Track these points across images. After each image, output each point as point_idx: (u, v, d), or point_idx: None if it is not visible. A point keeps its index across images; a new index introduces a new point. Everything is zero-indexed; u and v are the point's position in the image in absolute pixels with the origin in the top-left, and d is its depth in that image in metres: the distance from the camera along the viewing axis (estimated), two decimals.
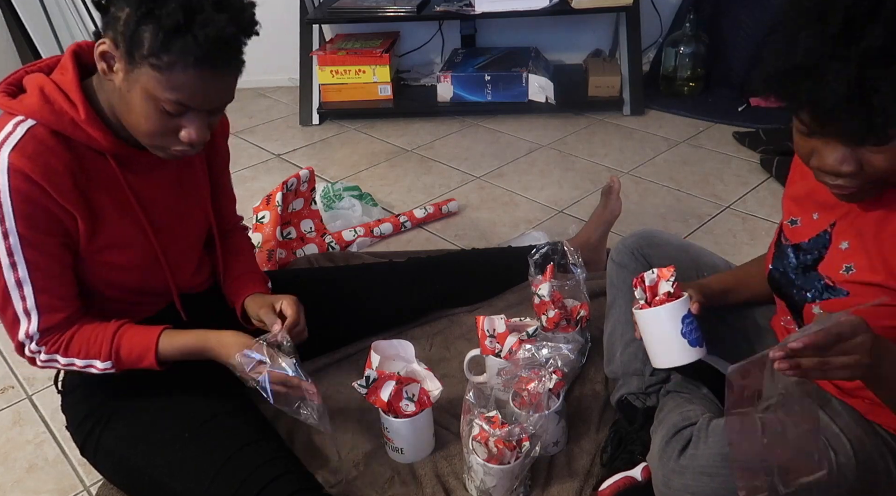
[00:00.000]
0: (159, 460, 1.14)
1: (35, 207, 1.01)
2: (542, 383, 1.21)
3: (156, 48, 0.92)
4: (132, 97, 0.98)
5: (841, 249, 0.99)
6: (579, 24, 3.03)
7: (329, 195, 2.15)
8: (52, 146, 1.01)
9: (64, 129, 1.02)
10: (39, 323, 1.07)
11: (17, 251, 1.02)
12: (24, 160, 0.98)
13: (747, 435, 0.89)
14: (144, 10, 0.92)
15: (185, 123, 1.01)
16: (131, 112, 1.00)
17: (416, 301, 1.64)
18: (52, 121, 1.01)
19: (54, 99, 1.02)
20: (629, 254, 1.37)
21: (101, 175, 1.08)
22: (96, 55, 0.98)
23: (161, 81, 0.95)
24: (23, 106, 1.01)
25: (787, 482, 0.88)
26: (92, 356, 1.11)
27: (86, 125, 1.02)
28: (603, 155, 2.50)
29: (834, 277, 0.99)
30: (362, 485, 1.26)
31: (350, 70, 2.81)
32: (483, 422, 1.16)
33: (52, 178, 1.01)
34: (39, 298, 1.06)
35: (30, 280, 1.04)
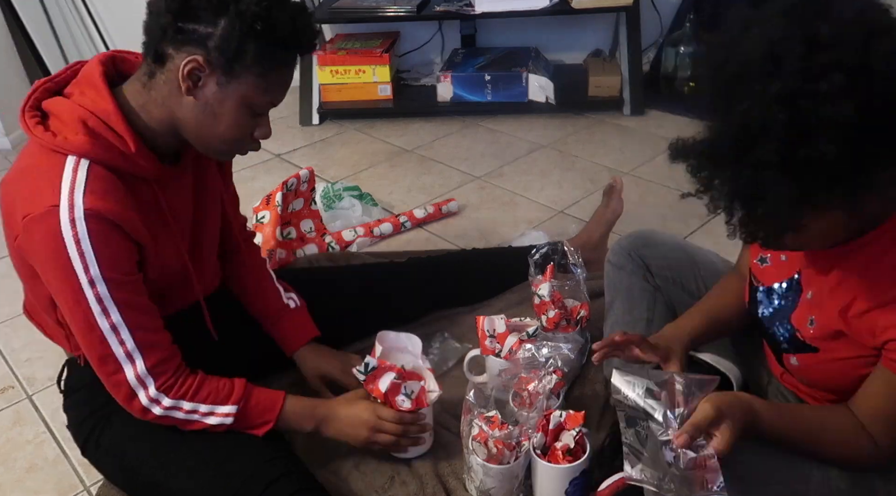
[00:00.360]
0: (160, 460, 1.14)
1: (116, 248, 1.01)
2: (542, 383, 1.21)
3: (264, 56, 0.98)
4: (224, 108, 1.02)
5: (807, 299, 0.97)
6: (579, 24, 3.03)
7: (329, 195, 2.15)
8: (113, 181, 1.01)
9: (116, 164, 1.02)
10: (145, 361, 1.06)
11: (107, 297, 1.01)
12: (99, 202, 0.98)
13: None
14: (245, 26, 0.95)
15: (261, 123, 1.09)
16: (219, 122, 1.03)
17: (416, 301, 1.64)
18: (104, 156, 1.00)
19: (102, 134, 1.01)
20: (626, 255, 1.37)
21: (145, 200, 1.08)
22: (182, 73, 0.98)
23: (262, 85, 1.01)
24: (71, 144, 0.99)
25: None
26: (220, 402, 1.12)
27: (136, 157, 1.03)
28: (603, 155, 2.50)
29: (803, 331, 0.97)
30: (362, 485, 1.26)
31: (350, 70, 2.81)
32: (482, 422, 1.16)
33: (126, 215, 1.01)
34: (138, 337, 1.04)
35: (124, 322, 1.03)
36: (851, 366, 0.93)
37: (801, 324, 0.98)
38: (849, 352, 0.92)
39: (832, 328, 0.93)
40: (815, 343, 0.96)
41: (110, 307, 1.02)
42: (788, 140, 0.72)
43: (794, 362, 1.01)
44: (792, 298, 1.00)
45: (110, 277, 1.00)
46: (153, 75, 1.02)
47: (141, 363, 1.05)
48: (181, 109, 1.03)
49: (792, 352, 1.00)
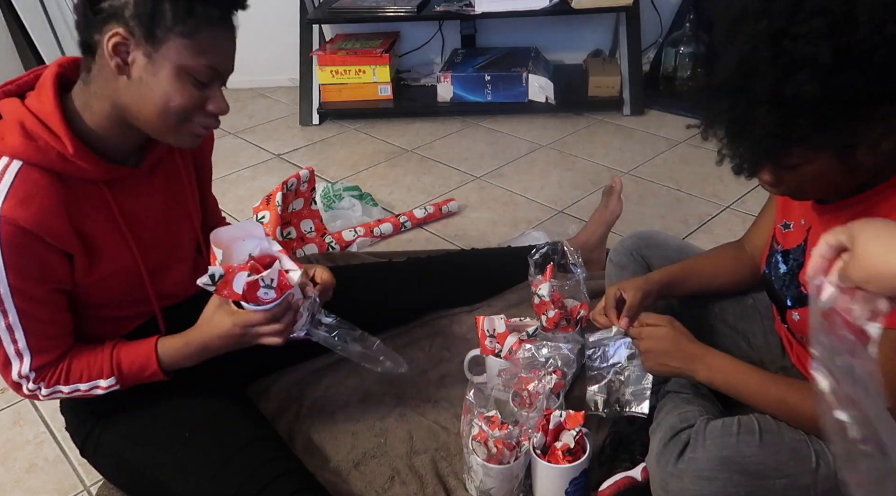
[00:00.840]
0: (159, 460, 1.14)
1: (27, 258, 0.99)
2: (542, 383, 1.21)
3: (181, 15, 0.93)
4: (159, 80, 0.96)
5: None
6: (579, 24, 3.03)
7: (329, 195, 2.15)
8: (43, 185, 0.98)
9: (52, 166, 0.98)
10: (32, 362, 1.06)
11: (8, 299, 1.00)
12: (18, 209, 0.95)
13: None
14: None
15: (211, 95, 1.01)
16: (157, 96, 0.97)
17: (416, 301, 1.64)
18: (39, 159, 0.97)
19: (37, 134, 0.97)
20: (628, 255, 1.37)
21: (93, 203, 1.05)
22: (108, 50, 0.94)
23: (192, 47, 0.95)
24: (6, 146, 0.97)
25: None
26: (94, 377, 1.11)
27: (75, 158, 0.99)
28: (603, 155, 2.50)
29: (807, 285, 0.98)
30: (362, 485, 1.26)
31: (350, 70, 2.81)
32: (482, 422, 1.16)
33: (47, 223, 0.98)
34: (30, 341, 1.05)
35: (20, 325, 1.03)
36: None
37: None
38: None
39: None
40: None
41: (9, 310, 1.01)
42: (775, 76, 0.79)
43: (795, 318, 1.02)
44: (801, 257, 1.03)
45: (14, 285, 0.99)
46: (89, 69, 1.00)
47: (27, 363, 1.06)
48: (120, 94, 0.99)
49: (795, 307, 1.02)
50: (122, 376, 1.11)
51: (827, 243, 0.71)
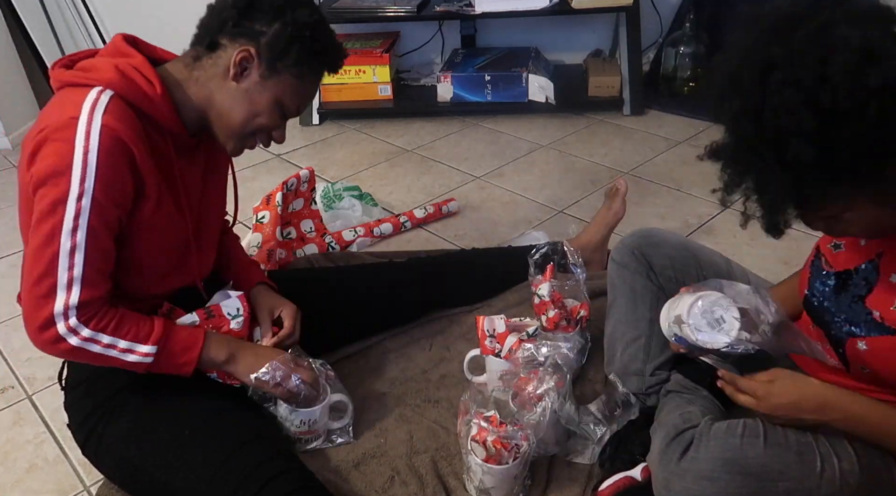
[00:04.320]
0: (160, 458, 1.14)
1: (117, 173, 1.03)
2: (542, 383, 1.21)
3: (302, 61, 1.11)
4: (261, 99, 1.12)
5: (892, 282, 0.95)
6: (579, 24, 3.03)
7: (329, 195, 2.15)
8: (131, 115, 1.06)
9: (139, 103, 1.07)
10: (80, 294, 1.04)
11: (85, 215, 1.02)
12: (118, 123, 1.02)
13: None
14: (295, 31, 1.09)
15: (282, 125, 1.19)
16: (252, 108, 1.13)
17: (416, 301, 1.64)
18: (129, 93, 1.06)
19: (131, 75, 1.07)
20: (629, 254, 1.37)
21: (158, 154, 1.12)
22: (234, 59, 1.09)
23: (296, 88, 1.14)
24: (101, 78, 1.05)
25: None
26: (140, 339, 1.10)
27: (160, 101, 1.09)
28: (603, 155, 2.50)
29: (883, 313, 0.95)
30: (362, 485, 1.26)
31: (350, 70, 2.81)
32: (481, 420, 1.16)
33: (137, 144, 1.05)
34: (87, 270, 1.04)
35: (84, 249, 1.03)
36: None
37: (881, 306, 0.95)
38: None
39: None
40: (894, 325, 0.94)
41: (82, 227, 1.02)
42: (770, 147, 0.80)
43: (861, 347, 0.97)
44: (869, 281, 0.98)
45: (98, 198, 1.02)
46: (199, 58, 1.13)
47: (76, 295, 1.04)
48: (221, 91, 1.12)
49: (863, 336, 0.97)
50: (164, 347, 1.13)
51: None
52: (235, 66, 1.10)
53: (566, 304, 1.46)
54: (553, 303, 1.43)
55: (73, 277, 1.04)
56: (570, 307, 1.47)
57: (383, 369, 1.53)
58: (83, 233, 1.03)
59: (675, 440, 1.04)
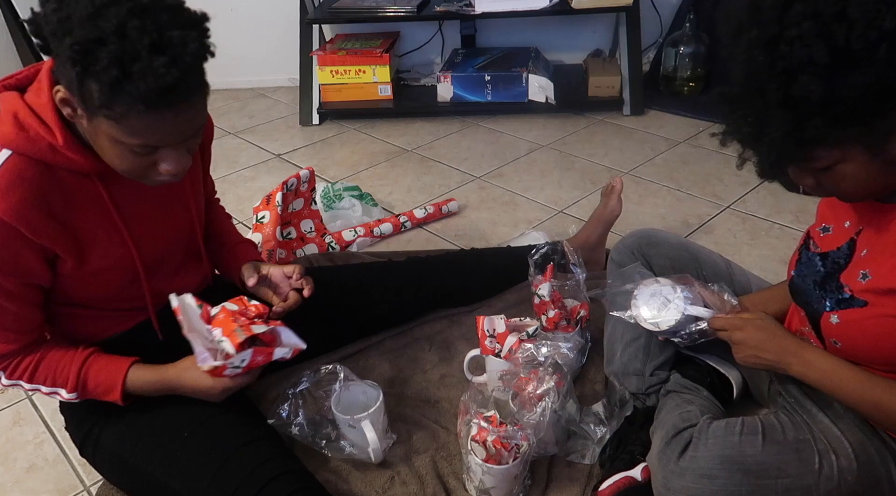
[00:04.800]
0: (158, 459, 1.14)
1: (9, 251, 1.00)
2: (542, 383, 1.21)
3: (104, 101, 0.88)
4: (101, 141, 0.96)
5: (861, 256, 0.98)
6: (579, 24, 3.03)
7: (329, 195, 2.15)
8: (29, 177, 0.98)
9: (42, 157, 0.99)
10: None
11: None
12: (1, 201, 0.96)
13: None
14: (82, 68, 0.86)
15: (161, 158, 0.98)
16: (104, 154, 0.98)
17: (416, 301, 1.64)
18: (28, 149, 0.98)
19: (29, 125, 0.97)
20: (629, 254, 1.37)
21: (85, 196, 1.06)
22: (58, 101, 0.94)
23: (119, 128, 0.91)
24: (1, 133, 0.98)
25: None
26: (59, 385, 1.13)
27: (65, 150, 0.99)
28: (603, 155, 2.50)
29: (852, 285, 0.97)
30: (362, 485, 1.26)
31: (350, 70, 2.81)
32: (481, 420, 1.16)
33: (27, 216, 0.98)
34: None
35: None
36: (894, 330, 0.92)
37: (851, 279, 0.98)
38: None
39: (886, 283, 0.92)
40: (864, 296, 0.95)
41: None
42: (779, 82, 0.80)
43: (833, 321, 0.99)
44: (846, 258, 1.00)
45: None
46: None
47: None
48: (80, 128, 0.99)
49: (834, 310, 0.99)
50: (83, 393, 1.14)
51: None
52: (63, 107, 0.95)
53: (566, 304, 1.46)
54: (553, 303, 1.43)
55: None
56: (570, 307, 1.47)
57: (383, 369, 1.53)
58: None
59: (675, 439, 1.05)
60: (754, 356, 1.07)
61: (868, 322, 0.94)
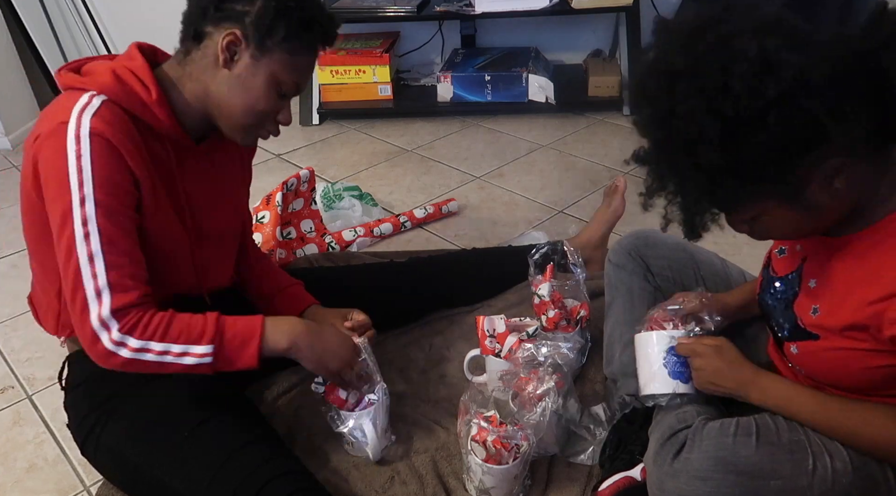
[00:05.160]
0: (159, 459, 1.14)
1: (113, 173, 1.02)
2: (542, 383, 1.21)
3: (292, 35, 1.06)
4: (255, 82, 1.08)
5: (810, 288, 0.99)
6: (579, 24, 3.03)
7: (329, 195, 2.15)
8: (124, 119, 1.05)
9: (133, 108, 1.06)
10: (112, 301, 1.00)
11: (93, 220, 1.00)
12: (106, 126, 1.01)
13: None
14: (279, 5, 1.04)
15: (283, 107, 1.14)
16: (249, 95, 1.09)
17: (416, 301, 1.64)
18: (123, 98, 1.05)
19: (127, 79, 1.06)
20: (626, 255, 1.37)
21: (157, 159, 1.11)
22: (221, 45, 1.05)
23: (290, 63, 1.09)
24: (95, 82, 1.05)
25: None
26: (193, 341, 1.05)
27: (155, 106, 1.07)
28: (603, 155, 2.50)
29: (804, 318, 0.99)
30: (362, 485, 1.26)
31: (350, 70, 2.81)
32: (481, 420, 1.16)
33: (129, 146, 1.04)
34: (111, 275, 1.00)
35: (102, 254, 1.00)
36: (850, 357, 0.93)
37: (803, 311, 0.99)
38: (848, 343, 0.92)
39: (835, 317, 0.93)
40: (815, 330, 0.97)
41: (93, 233, 1.00)
42: (682, 151, 0.83)
43: (793, 351, 1.02)
44: (795, 287, 1.02)
45: (101, 199, 1.00)
46: (189, 53, 1.10)
47: (107, 304, 1.00)
48: (215, 82, 1.09)
49: (792, 340, 1.01)
50: (220, 345, 1.07)
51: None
52: (223, 51, 1.06)
53: (566, 304, 1.46)
54: (553, 303, 1.43)
55: (99, 287, 1.00)
56: (570, 307, 1.47)
57: (383, 369, 1.52)
58: (96, 240, 1.00)
59: (670, 440, 1.05)
60: (712, 383, 1.08)
61: (823, 354, 0.97)
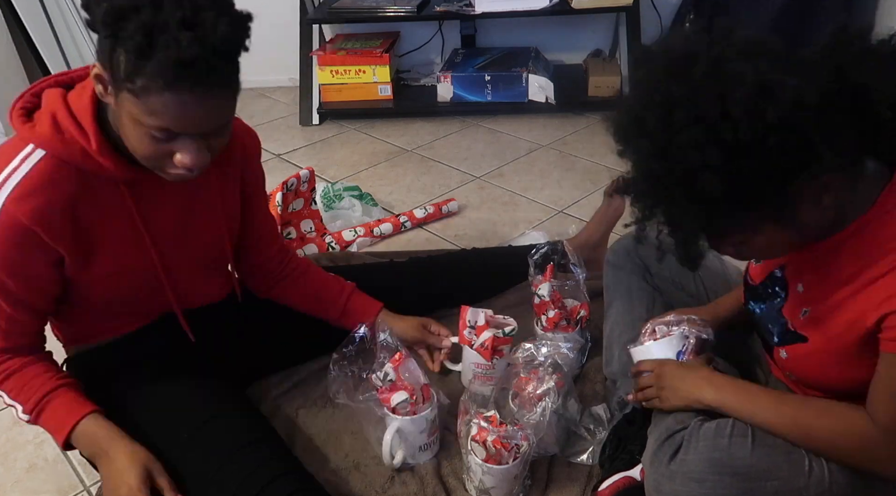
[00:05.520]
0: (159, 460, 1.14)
1: (20, 254, 1.02)
2: (541, 383, 1.21)
3: (128, 73, 0.87)
4: (124, 122, 0.95)
5: (798, 292, 1.00)
6: (579, 24, 3.03)
7: (329, 195, 2.15)
8: (57, 179, 1.00)
9: (73, 160, 1.00)
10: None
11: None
12: (21, 202, 0.98)
13: None
14: (111, 33, 0.86)
15: (178, 148, 0.95)
16: (126, 136, 0.97)
17: (416, 301, 1.63)
18: (61, 151, 1.00)
19: (65, 127, 0.99)
20: (625, 255, 1.37)
21: (109, 202, 1.07)
22: (92, 77, 0.95)
23: (140, 107, 0.90)
24: (34, 134, 1.00)
25: None
26: (20, 401, 1.13)
27: (97, 155, 1.00)
28: (603, 155, 2.50)
29: (794, 321, 0.99)
30: (362, 485, 1.26)
31: (350, 70, 2.81)
32: (481, 420, 1.16)
33: (47, 219, 1.00)
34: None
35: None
36: (839, 360, 0.93)
37: (793, 315, 1.00)
38: (836, 344, 0.93)
39: (825, 318, 0.94)
40: (804, 331, 0.97)
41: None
42: (680, 183, 0.82)
43: (783, 355, 1.02)
44: (781, 292, 1.02)
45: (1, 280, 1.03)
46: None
47: None
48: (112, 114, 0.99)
49: (782, 345, 1.02)
50: (37, 419, 1.13)
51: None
52: (97, 84, 0.95)
53: (566, 304, 1.46)
54: (553, 303, 1.43)
55: None
56: (570, 307, 1.47)
57: None
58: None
59: (667, 441, 1.04)
60: (677, 398, 1.08)
61: (812, 357, 0.97)
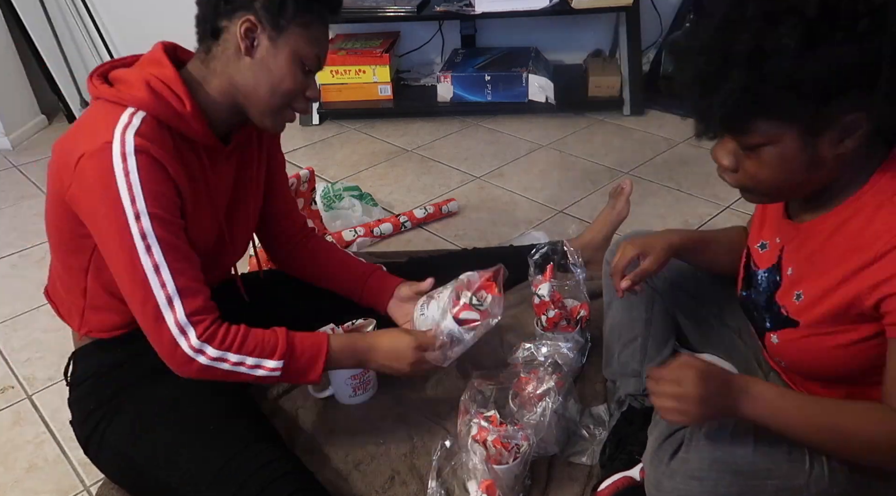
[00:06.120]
0: (160, 459, 1.14)
1: (162, 185, 1.05)
2: (541, 383, 1.21)
3: (301, 9, 1.08)
4: (278, 62, 1.10)
5: (789, 276, 0.99)
6: (579, 24, 3.03)
7: (329, 195, 2.15)
8: (163, 134, 1.08)
9: (170, 122, 1.09)
10: (185, 306, 1.06)
11: (150, 233, 1.04)
12: (148, 142, 1.04)
13: None
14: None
15: (311, 83, 1.17)
16: (273, 77, 1.11)
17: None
18: (161, 113, 1.07)
19: (161, 91, 1.08)
20: None
21: (191, 167, 1.14)
22: (240, 34, 1.08)
23: (307, 37, 1.11)
24: (132, 97, 1.07)
25: None
26: (266, 355, 1.12)
27: (191, 118, 1.10)
28: (603, 155, 2.50)
29: (788, 306, 0.99)
30: (362, 485, 1.26)
31: (350, 70, 2.81)
32: (481, 420, 1.16)
33: (170, 158, 1.07)
34: (178, 281, 1.05)
35: (166, 263, 1.05)
36: (830, 345, 0.94)
37: (786, 299, 0.99)
38: (828, 327, 0.93)
39: (817, 301, 0.93)
40: (796, 316, 0.97)
41: (153, 244, 1.04)
42: (757, 28, 0.79)
43: (774, 341, 1.02)
44: (777, 277, 1.02)
45: (154, 213, 1.04)
46: (210, 51, 1.12)
47: (181, 309, 1.05)
48: (240, 72, 1.11)
49: (774, 330, 1.02)
50: (290, 360, 1.13)
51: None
52: (243, 39, 1.09)
53: (566, 304, 1.46)
54: (553, 303, 1.44)
55: (169, 295, 1.05)
56: (570, 307, 1.47)
57: None
58: (158, 250, 1.04)
59: (668, 440, 1.04)
60: (703, 409, 0.93)
61: (803, 341, 0.97)
